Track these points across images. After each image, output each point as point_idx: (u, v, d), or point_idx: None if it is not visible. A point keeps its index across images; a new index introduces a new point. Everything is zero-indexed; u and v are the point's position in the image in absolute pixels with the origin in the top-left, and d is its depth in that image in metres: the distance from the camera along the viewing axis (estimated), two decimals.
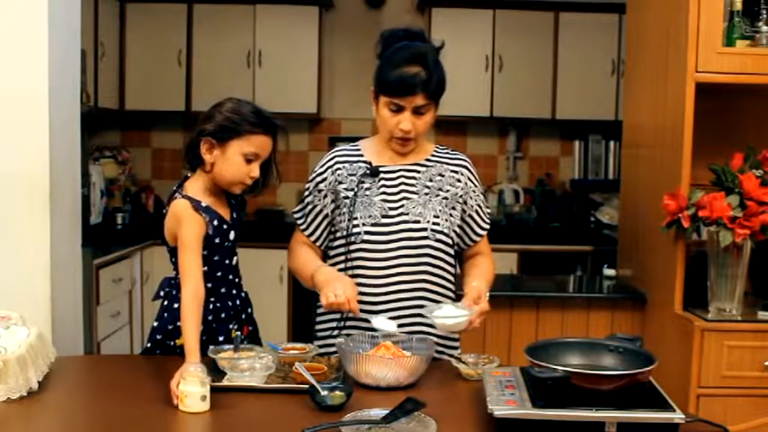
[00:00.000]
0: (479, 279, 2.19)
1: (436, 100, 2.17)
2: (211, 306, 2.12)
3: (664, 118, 2.94)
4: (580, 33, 5.26)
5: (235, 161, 2.04)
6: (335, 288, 2.02)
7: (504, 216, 5.43)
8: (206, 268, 2.07)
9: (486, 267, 2.29)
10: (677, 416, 1.54)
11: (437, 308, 2.08)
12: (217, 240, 2.08)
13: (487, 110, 5.33)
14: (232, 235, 2.13)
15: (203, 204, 2.06)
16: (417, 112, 2.15)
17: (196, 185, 2.10)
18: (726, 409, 2.52)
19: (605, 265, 3.54)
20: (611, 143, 5.49)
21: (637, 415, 1.54)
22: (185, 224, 2.02)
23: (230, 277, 2.15)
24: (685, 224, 2.64)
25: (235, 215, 2.16)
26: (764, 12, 2.72)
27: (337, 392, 1.75)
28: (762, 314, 2.67)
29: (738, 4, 2.69)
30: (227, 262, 2.14)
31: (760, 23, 2.72)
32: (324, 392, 1.74)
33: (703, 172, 2.73)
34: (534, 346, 1.76)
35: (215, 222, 2.07)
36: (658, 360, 1.68)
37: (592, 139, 5.55)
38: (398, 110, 2.15)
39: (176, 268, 2.09)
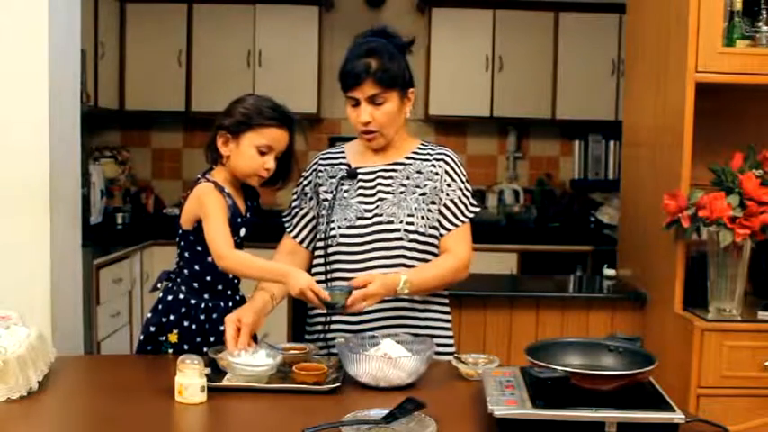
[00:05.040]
0: (412, 272, 2.10)
1: (393, 87, 2.14)
2: (203, 305, 2.14)
3: (664, 118, 2.94)
4: (580, 33, 5.26)
5: (248, 153, 2.10)
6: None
7: (504, 216, 5.43)
8: (210, 259, 2.09)
9: (435, 263, 2.18)
10: (677, 416, 1.54)
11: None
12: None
13: (487, 110, 5.32)
14: (242, 231, 2.16)
15: (226, 190, 2.11)
16: (372, 102, 2.14)
17: (219, 176, 2.15)
18: (726, 409, 2.51)
19: (605, 265, 3.53)
20: (611, 143, 5.49)
21: (637, 415, 1.54)
22: (211, 198, 2.06)
23: (230, 275, 2.16)
24: (685, 224, 2.63)
25: (248, 214, 2.20)
26: (764, 12, 2.72)
27: (337, 292, 1.96)
28: (762, 314, 2.67)
29: (738, 4, 2.69)
30: None
31: (760, 23, 2.72)
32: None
33: (703, 172, 2.73)
34: (534, 346, 1.76)
35: (232, 210, 2.10)
36: (658, 360, 1.68)
37: (592, 139, 5.55)
38: (356, 104, 2.17)
39: (185, 251, 2.14)
